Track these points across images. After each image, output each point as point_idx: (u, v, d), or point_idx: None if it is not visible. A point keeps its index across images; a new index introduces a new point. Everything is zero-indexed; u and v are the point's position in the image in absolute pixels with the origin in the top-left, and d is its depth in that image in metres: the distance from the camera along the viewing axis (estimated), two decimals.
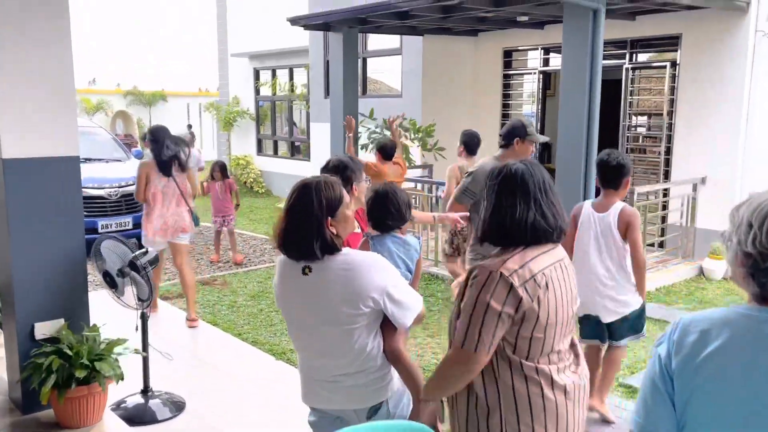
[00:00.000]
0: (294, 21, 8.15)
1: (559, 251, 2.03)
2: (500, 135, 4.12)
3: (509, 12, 7.30)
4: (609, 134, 8.17)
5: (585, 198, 5.81)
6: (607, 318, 3.77)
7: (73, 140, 3.68)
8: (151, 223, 5.63)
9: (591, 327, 3.85)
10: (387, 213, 2.91)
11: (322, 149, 11.01)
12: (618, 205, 3.65)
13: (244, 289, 6.82)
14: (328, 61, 11.12)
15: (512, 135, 4.01)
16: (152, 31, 24.69)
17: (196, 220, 5.95)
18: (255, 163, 14.83)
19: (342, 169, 3.27)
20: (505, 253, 1.94)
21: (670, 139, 7.85)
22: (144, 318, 3.95)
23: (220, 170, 8.17)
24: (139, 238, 8.71)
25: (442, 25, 8.59)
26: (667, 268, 7.21)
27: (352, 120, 6.31)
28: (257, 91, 15.24)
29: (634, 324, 3.81)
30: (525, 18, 7.65)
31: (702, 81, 7.47)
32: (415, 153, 8.98)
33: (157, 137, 5.58)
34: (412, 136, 8.31)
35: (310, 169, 11.75)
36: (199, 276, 7.40)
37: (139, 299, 3.87)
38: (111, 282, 3.75)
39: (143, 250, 3.82)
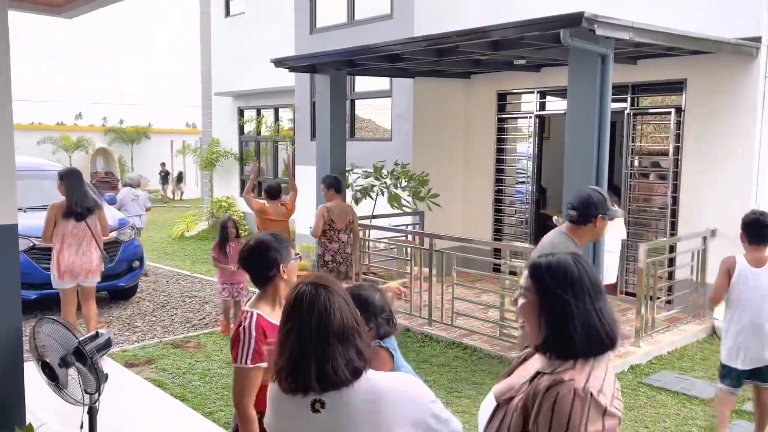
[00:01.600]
0: (279, 63, 7.72)
1: None
2: (574, 208, 3.50)
3: (506, 55, 6.91)
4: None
5: (594, 248, 5.35)
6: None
7: (11, 206, 3.14)
8: (60, 264, 5.68)
9: (738, 375, 4.11)
10: (381, 316, 2.34)
11: (308, 193, 10.49)
12: None
13: (219, 354, 6.20)
14: (314, 103, 10.69)
15: (594, 211, 3.46)
16: (139, 66, 24.36)
17: (105, 261, 6.04)
18: (237, 205, 14.28)
19: (264, 251, 2.63)
20: (579, 365, 1.61)
21: (675, 188, 7.43)
22: (92, 414, 3.34)
23: (235, 229, 6.80)
24: (110, 292, 8.16)
25: (434, 68, 8.20)
26: (677, 327, 6.70)
27: (256, 167, 7.34)
28: (241, 131, 14.78)
29: None
30: (522, 61, 7.28)
31: (709, 128, 7.09)
32: (402, 194, 8.46)
33: (68, 181, 5.73)
34: (404, 183, 7.82)
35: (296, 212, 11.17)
36: (172, 336, 6.77)
37: (86, 392, 3.27)
38: (51, 374, 3.15)
39: (91, 333, 3.24)
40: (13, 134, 3.16)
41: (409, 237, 8.18)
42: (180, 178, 23.53)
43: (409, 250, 7.55)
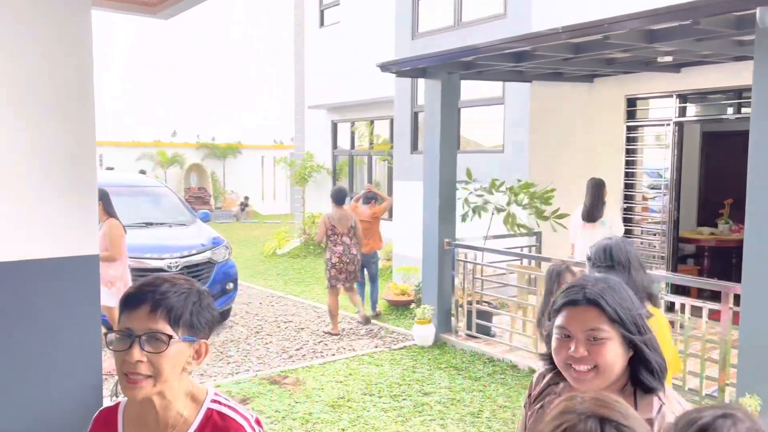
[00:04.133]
0: (384, 67, 7.02)
1: None
2: None
3: (651, 51, 5.88)
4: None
5: None
6: None
7: (90, 234, 2.51)
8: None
9: None
10: None
11: (407, 210, 9.75)
12: None
13: (320, 393, 5.48)
14: (416, 113, 9.96)
15: None
16: (231, 82, 24.62)
17: None
18: None
19: None
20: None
21: None
22: None
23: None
24: None
25: (556, 69, 7.25)
26: None
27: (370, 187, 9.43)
28: (334, 145, 14.29)
29: None
30: (669, 58, 6.21)
31: None
32: (521, 213, 7.47)
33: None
34: (525, 200, 6.89)
35: (392, 230, 10.46)
36: (268, 370, 6.13)
37: None
38: None
39: None
40: (96, 163, 2.58)
41: (525, 261, 7.23)
42: (244, 205, 22.62)
43: (532, 276, 6.60)
